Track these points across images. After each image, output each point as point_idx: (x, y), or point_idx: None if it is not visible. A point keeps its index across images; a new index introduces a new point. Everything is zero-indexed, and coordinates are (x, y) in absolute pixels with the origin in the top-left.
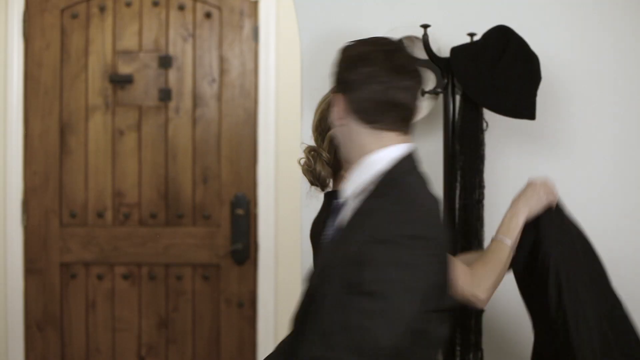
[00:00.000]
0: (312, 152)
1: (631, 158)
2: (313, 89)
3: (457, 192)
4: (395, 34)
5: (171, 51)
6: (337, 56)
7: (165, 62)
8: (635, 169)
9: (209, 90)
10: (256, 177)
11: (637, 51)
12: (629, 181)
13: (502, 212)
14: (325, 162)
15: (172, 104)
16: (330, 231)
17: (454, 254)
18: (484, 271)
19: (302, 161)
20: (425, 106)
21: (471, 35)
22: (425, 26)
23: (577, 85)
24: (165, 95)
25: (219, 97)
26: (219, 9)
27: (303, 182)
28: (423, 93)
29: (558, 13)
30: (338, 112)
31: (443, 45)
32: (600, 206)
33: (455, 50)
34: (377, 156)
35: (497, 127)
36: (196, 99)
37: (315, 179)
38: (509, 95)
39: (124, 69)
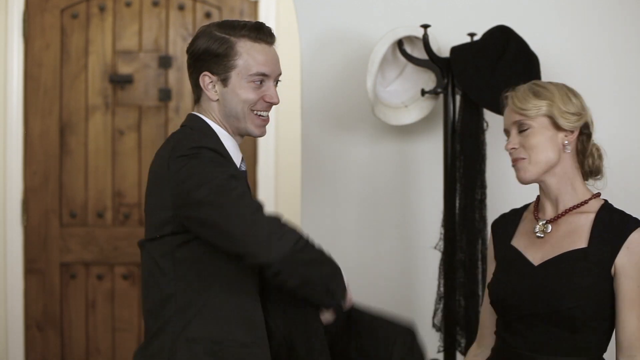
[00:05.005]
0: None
1: (631, 157)
2: (313, 89)
3: (458, 192)
4: (395, 34)
5: (171, 51)
6: None
7: (165, 62)
8: (635, 168)
9: None
10: (256, 176)
11: (636, 51)
12: (629, 180)
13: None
14: None
15: (172, 104)
16: None
17: (455, 254)
18: None
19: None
20: (425, 106)
21: (471, 35)
22: (425, 26)
23: (577, 85)
24: (165, 95)
25: None
26: (219, 9)
27: (303, 182)
28: (423, 93)
29: (558, 13)
30: None
31: (443, 45)
32: None
33: (455, 50)
34: None
35: (497, 127)
36: None
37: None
38: None
39: (124, 69)
